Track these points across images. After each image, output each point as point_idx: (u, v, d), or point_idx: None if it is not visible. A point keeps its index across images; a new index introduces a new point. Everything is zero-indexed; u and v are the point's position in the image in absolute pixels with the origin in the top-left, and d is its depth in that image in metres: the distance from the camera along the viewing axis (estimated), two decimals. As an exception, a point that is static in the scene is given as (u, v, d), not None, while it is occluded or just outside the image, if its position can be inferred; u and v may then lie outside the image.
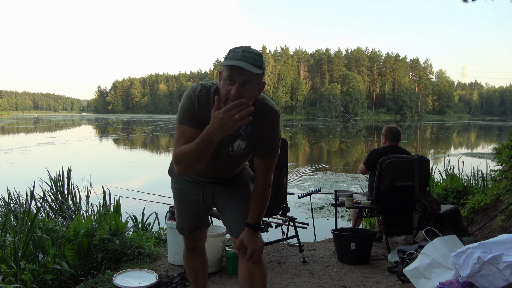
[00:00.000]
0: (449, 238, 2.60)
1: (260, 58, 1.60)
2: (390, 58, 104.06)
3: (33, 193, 3.99)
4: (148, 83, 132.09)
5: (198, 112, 1.72)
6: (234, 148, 1.81)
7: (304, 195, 4.07)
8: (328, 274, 3.28)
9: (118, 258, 3.50)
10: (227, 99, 1.60)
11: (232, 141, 1.79)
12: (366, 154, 4.31)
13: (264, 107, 1.77)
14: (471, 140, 28.02)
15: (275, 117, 1.79)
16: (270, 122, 1.78)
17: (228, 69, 1.58)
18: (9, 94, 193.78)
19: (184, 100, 1.75)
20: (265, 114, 1.76)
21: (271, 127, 1.78)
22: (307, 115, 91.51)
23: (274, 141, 1.82)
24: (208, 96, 1.72)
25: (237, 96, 1.57)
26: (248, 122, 1.59)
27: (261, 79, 1.66)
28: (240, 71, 1.56)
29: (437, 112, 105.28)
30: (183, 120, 1.73)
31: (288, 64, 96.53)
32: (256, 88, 1.64)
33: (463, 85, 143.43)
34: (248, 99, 1.58)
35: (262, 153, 1.84)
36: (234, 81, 1.58)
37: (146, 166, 13.77)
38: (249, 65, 1.55)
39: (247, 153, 1.87)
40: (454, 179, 5.72)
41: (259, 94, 1.69)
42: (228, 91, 1.59)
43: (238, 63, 1.54)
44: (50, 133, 31.06)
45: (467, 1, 5.34)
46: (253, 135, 1.77)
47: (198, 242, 2.23)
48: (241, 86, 1.58)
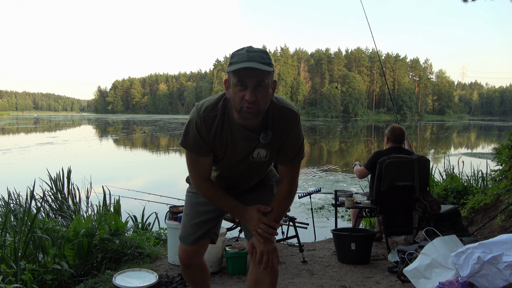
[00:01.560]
0: (449, 238, 2.60)
1: (266, 55, 1.51)
2: (390, 58, 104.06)
3: (33, 193, 3.99)
4: (148, 83, 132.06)
5: (205, 135, 1.61)
6: (254, 156, 1.70)
7: (304, 195, 4.07)
8: (328, 274, 3.28)
9: (118, 258, 3.50)
10: (241, 107, 1.50)
11: (252, 150, 1.69)
12: (366, 154, 4.30)
13: (281, 109, 1.63)
14: (471, 140, 28.01)
15: (295, 119, 1.65)
16: (290, 125, 1.65)
17: (237, 74, 1.47)
18: (9, 94, 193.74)
19: (190, 126, 1.63)
20: (284, 117, 1.63)
21: (292, 130, 1.66)
22: (307, 115, 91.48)
23: (297, 144, 1.70)
24: (215, 113, 1.61)
25: (252, 101, 1.47)
26: (267, 129, 1.59)
27: (272, 78, 1.55)
28: (250, 73, 1.46)
29: (437, 112, 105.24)
30: (191, 149, 1.65)
31: (288, 64, 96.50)
32: (269, 88, 1.53)
33: (463, 85, 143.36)
34: (263, 102, 1.51)
35: (286, 159, 1.72)
36: (245, 85, 1.48)
37: (146, 166, 13.77)
38: (259, 64, 1.45)
39: (268, 160, 1.75)
40: (454, 179, 5.72)
41: (272, 94, 1.58)
42: (241, 98, 1.48)
43: (248, 64, 1.44)
44: (50, 133, 31.05)
45: (467, 1, 5.35)
46: (273, 141, 1.67)
47: (195, 258, 1.95)
48: (254, 89, 1.47)
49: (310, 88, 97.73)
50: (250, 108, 1.49)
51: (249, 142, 1.65)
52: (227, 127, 1.63)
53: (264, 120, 1.63)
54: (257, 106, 1.50)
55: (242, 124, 1.61)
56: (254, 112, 1.50)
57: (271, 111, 1.63)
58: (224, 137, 1.64)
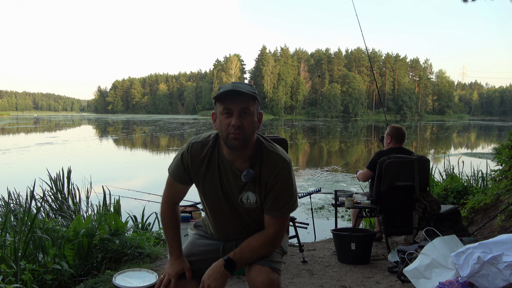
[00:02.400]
0: (449, 238, 2.60)
1: (251, 88, 1.57)
2: (390, 58, 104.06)
3: (33, 193, 3.99)
4: (148, 83, 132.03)
5: (190, 164, 1.64)
6: (243, 200, 1.65)
7: (304, 195, 4.07)
8: (328, 274, 3.28)
9: (118, 258, 3.50)
10: (228, 134, 1.51)
11: (239, 191, 1.64)
12: (366, 154, 4.30)
13: (272, 154, 1.61)
14: (471, 140, 28.02)
15: (284, 166, 1.60)
16: (279, 172, 1.60)
17: (223, 102, 1.52)
18: (9, 94, 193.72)
19: (179, 153, 1.69)
20: (274, 163, 1.60)
21: (280, 178, 1.60)
22: (307, 115, 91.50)
23: (286, 195, 1.61)
24: (205, 144, 1.64)
25: (238, 126, 1.49)
26: (249, 167, 1.57)
27: (258, 109, 1.59)
28: (235, 99, 1.50)
29: (437, 112, 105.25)
30: (171, 172, 1.70)
31: (288, 64, 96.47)
32: (255, 116, 1.55)
33: (463, 85, 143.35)
34: (249, 129, 1.52)
35: (272, 209, 1.63)
36: (231, 112, 1.51)
37: (146, 166, 13.78)
38: (243, 90, 1.50)
39: (259, 207, 1.66)
40: (454, 179, 5.72)
41: (259, 126, 1.60)
42: (227, 125, 1.51)
43: (233, 87, 1.50)
44: (50, 133, 31.06)
45: (467, 1, 5.35)
46: (261, 186, 1.62)
47: None
48: (240, 115, 1.50)
49: (310, 88, 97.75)
50: (236, 134, 1.50)
51: (234, 179, 1.63)
52: (215, 161, 1.64)
53: (251, 159, 1.61)
54: (243, 132, 1.50)
55: (230, 160, 1.62)
56: (240, 138, 1.51)
57: (259, 151, 1.62)
58: (210, 171, 1.65)
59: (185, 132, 32.04)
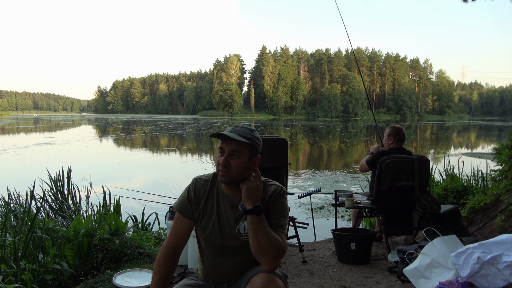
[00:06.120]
0: (449, 238, 2.60)
1: (250, 132, 1.67)
2: (390, 58, 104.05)
3: (33, 193, 3.99)
4: (148, 83, 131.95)
5: (193, 197, 1.72)
6: (240, 231, 1.68)
7: (304, 195, 4.07)
8: (328, 274, 3.28)
9: (118, 258, 3.50)
10: (218, 170, 1.65)
11: (236, 222, 1.69)
12: (366, 154, 4.30)
13: (268, 185, 1.74)
14: (471, 140, 28.02)
15: (279, 191, 1.72)
16: (275, 196, 1.70)
17: (220, 142, 1.67)
18: (9, 94, 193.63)
19: (185, 189, 1.78)
20: (270, 189, 1.72)
21: (276, 199, 1.70)
22: (307, 115, 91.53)
23: (281, 213, 1.70)
24: (207, 180, 1.76)
25: (224, 164, 1.62)
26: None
27: (253, 153, 1.67)
28: (227, 141, 1.63)
29: (437, 112, 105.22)
30: (176, 206, 1.77)
31: (288, 64, 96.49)
32: (246, 160, 1.65)
33: (463, 85, 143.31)
34: (237, 170, 1.62)
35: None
36: (223, 151, 1.64)
37: (146, 166, 13.78)
38: (234, 134, 1.62)
39: None
40: (454, 179, 5.72)
41: (253, 168, 1.69)
42: (219, 162, 1.65)
43: (224, 132, 1.63)
44: (50, 133, 31.06)
45: (467, 1, 5.35)
46: None
47: None
48: (229, 156, 1.63)
49: (310, 88, 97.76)
50: (223, 172, 1.63)
51: (232, 210, 1.70)
52: (215, 195, 1.74)
53: None
54: (230, 172, 1.62)
55: (229, 194, 1.72)
56: (226, 176, 1.63)
57: None
58: (210, 204, 1.73)
59: (185, 132, 32.04)
